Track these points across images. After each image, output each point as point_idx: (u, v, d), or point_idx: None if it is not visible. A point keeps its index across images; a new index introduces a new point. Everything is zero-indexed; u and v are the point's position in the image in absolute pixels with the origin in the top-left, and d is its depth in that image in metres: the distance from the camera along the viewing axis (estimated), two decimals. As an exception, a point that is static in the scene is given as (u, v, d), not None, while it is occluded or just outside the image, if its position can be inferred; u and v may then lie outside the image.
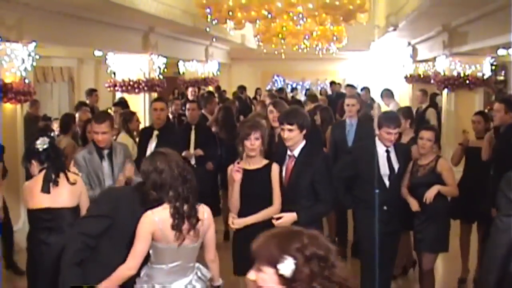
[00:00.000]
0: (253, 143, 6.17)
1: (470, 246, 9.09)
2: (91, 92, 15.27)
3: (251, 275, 2.76)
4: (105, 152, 7.28)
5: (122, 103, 13.11)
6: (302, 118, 6.44)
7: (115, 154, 7.33)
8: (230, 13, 13.93)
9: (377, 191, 7.03)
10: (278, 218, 6.17)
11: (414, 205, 7.46)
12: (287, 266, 2.67)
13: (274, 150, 7.76)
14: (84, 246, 4.83)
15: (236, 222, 6.18)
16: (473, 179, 8.85)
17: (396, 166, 7.28)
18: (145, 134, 9.45)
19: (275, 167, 6.29)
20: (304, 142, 6.50)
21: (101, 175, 7.20)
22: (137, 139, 9.91)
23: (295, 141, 6.41)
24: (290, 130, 6.36)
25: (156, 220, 4.81)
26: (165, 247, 4.88)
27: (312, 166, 6.38)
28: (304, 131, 6.44)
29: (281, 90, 22.37)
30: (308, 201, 6.36)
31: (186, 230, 4.88)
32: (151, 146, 8.93)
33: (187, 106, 11.10)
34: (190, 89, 20.03)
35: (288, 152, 6.52)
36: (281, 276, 2.68)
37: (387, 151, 7.25)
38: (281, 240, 2.71)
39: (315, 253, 2.68)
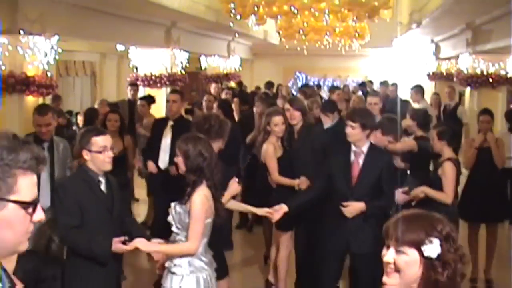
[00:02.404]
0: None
1: (478, 246, 9.02)
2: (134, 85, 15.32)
3: (388, 257, 2.82)
4: (45, 145, 7.29)
5: (149, 97, 13.13)
6: (365, 118, 6.58)
7: (57, 149, 7.43)
8: (256, 8, 13.92)
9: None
10: (345, 206, 6.40)
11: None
12: (434, 248, 2.73)
13: (294, 147, 7.78)
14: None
15: None
16: (482, 179, 8.78)
17: None
18: (159, 125, 9.47)
19: None
20: (369, 141, 6.64)
21: None
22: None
23: (355, 138, 6.55)
24: (352, 127, 6.51)
25: (207, 196, 5.18)
26: (208, 222, 5.26)
27: (380, 164, 6.52)
28: (368, 131, 6.57)
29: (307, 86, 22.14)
30: (373, 196, 6.47)
31: None
32: (166, 137, 8.96)
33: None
34: (213, 85, 19.98)
35: (354, 148, 6.62)
36: (425, 257, 2.75)
37: None
38: (424, 223, 2.79)
39: (450, 234, 2.79)
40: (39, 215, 2.40)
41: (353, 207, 6.39)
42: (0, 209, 2.28)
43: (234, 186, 6.12)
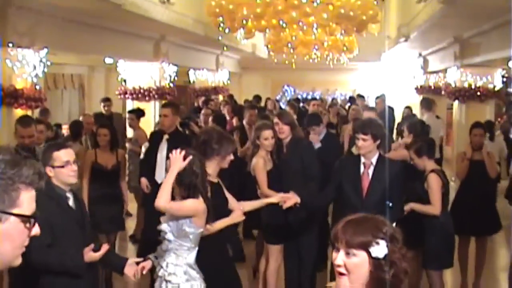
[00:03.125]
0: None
1: (468, 259, 9.03)
2: (107, 100, 15.35)
3: (338, 260, 2.92)
4: None
5: (138, 111, 13.08)
6: (376, 129, 6.63)
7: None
8: (244, 22, 13.95)
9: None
10: None
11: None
12: (381, 249, 2.87)
13: (283, 158, 7.78)
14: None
15: None
16: (473, 193, 8.80)
17: None
18: (155, 138, 9.43)
19: None
20: (378, 151, 6.69)
21: None
22: None
23: (368, 150, 6.61)
24: (363, 139, 6.55)
25: (204, 209, 5.33)
26: (201, 232, 5.40)
27: (390, 174, 6.51)
28: (378, 141, 6.61)
29: (297, 100, 22.22)
30: (384, 206, 6.39)
31: None
32: (162, 150, 8.90)
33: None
34: (202, 98, 19.92)
35: (363, 160, 6.68)
36: (373, 258, 2.87)
37: None
38: (370, 226, 2.93)
39: (394, 235, 2.93)
40: (36, 230, 2.43)
41: None
42: (2, 222, 2.30)
43: (237, 214, 6.06)
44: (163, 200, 5.15)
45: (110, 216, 8.67)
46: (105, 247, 4.92)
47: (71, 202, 5.14)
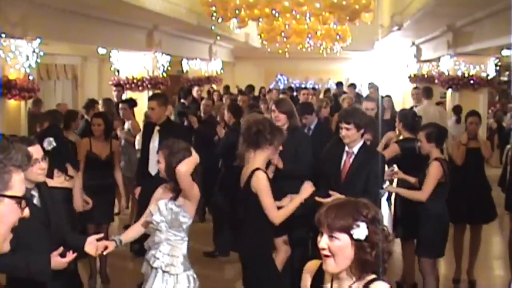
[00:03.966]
0: None
1: (463, 247, 9.05)
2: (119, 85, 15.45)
3: (322, 243, 3.06)
4: None
5: (130, 101, 13.00)
6: (359, 118, 6.60)
7: None
8: (237, 11, 13.94)
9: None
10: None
11: None
12: (361, 231, 3.02)
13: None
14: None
15: None
16: (467, 180, 8.82)
17: None
18: (147, 130, 9.33)
19: None
20: (362, 140, 6.66)
21: None
22: None
23: (352, 139, 6.58)
24: (347, 128, 6.53)
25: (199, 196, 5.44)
26: (191, 221, 5.47)
27: (369, 165, 6.52)
28: (362, 131, 6.59)
29: (290, 89, 22.21)
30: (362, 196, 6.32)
31: None
32: (154, 141, 8.82)
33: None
34: (195, 88, 19.85)
35: (346, 149, 6.68)
36: (355, 240, 3.02)
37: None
38: (351, 209, 3.07)
39: (375, 217, 3.07)
40: (27, 211, 2.51)
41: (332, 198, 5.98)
42: None
43: (308, 189, 6.03)
44: (187, 169, 5.21)
45: (101, 207, 8.58)
46: (70, 255, 4.57)
47: (35, 200, 4.90)
